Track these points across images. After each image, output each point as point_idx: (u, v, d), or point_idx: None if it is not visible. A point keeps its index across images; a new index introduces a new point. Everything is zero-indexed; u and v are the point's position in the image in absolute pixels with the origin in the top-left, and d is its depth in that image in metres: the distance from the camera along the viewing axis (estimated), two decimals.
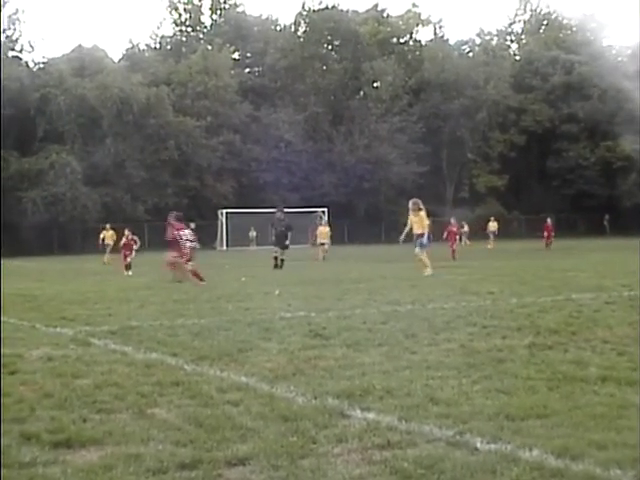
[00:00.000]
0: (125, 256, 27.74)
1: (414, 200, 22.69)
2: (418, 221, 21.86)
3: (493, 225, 50.79)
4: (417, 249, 21.76)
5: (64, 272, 29.94)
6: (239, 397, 6.41)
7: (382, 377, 7.06)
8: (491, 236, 49.49)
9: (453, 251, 32.35)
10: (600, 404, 5.85)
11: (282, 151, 68.03)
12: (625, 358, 7.78)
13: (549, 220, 44.73)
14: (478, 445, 4.91)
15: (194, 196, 65.12)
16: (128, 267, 27.07)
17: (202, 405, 6.19)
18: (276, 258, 27.24)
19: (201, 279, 19.35)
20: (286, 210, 30.87)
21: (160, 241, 26.72)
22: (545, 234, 43.47)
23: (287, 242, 27.81)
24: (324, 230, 35.49)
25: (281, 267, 26.80)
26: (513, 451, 4.77)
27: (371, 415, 5.72)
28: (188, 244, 20.14)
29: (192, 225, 22.62)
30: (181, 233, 20.38)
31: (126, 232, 28.66)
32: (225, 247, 59.15)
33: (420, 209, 22.14)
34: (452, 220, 36.23)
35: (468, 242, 50.43)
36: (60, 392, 6.73)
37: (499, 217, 61.04)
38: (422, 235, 21.69)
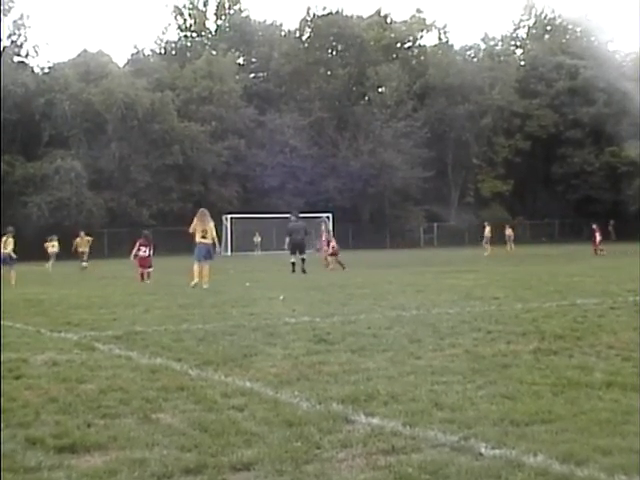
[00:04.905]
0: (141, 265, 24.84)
1: (203, 210, 22.16)
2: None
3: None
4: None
5: (69, 277, 29.97)
6: (244, 402, 6.42)
7: (387, 382, 7.06)
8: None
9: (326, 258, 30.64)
10: (605, 409, 5.85)
11: (287, 156, 68.06)
12: (630, 364, 7.76)
13: None
14: (483, 450, 4.91)
15: (199, 201, 65.01)
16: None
17: (207, 410, 6.20)
18: (293, 264, 28.02)
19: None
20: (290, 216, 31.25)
21: (166, 246, 26.56)
22: None
23: (304, 247, 29.15)
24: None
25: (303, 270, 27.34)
26: (518, 456, 4.76)
27: (375, 420, 5.72)
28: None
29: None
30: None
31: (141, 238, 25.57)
32: (229, 252, 59.17)
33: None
34: (322, 227, 34.02)
35: (513, 247, 49.80)
36: (65, 397, 6.74)
37: (505, 222, 61.06)
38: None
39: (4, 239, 26.22)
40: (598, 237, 42.20)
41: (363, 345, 9.28)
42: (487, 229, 47.06)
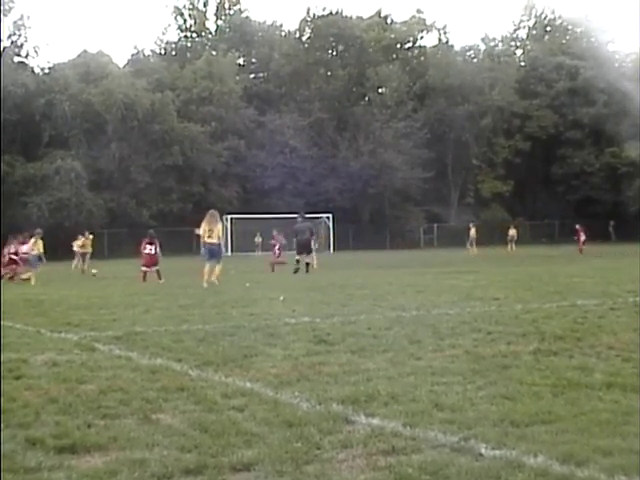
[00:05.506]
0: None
1: (212, 211, 23.17)
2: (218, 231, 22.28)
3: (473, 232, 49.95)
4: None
5: (69, 277, 29.95)
6: (244, 403, 6.42)
7: (387, 383, 7.06)
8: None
9: (272, 263, 30.58)
10: (605, 410, 5.85)
11: (287, 157, 68.04)
12: (630, 364, 7.77)
13: None
14: (483, 451, 4.91)
15: (199, 201, 65.12)
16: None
17: (207, 411, 6.20)
18: (298, 261, 28.37)
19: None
20: (291, 216, 31.57)
21: (166, 247, 26.59)
22: None
23: (311, 247, 29.27)
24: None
25: (307, 270, 27.77)
26: (518, 457, 4.76)
27: (376, 421, 5.71)
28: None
29: (197, 231, 23.18)
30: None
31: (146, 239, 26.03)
32: (230, 253, 59.13)
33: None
34: (274, 232, 33.99)
35: (514, 248, 49.78)
36: (65, 397, 6.74)
37: (504, 223, 61.13)
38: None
39: (32, 241, 27.01)
40: (582, 237, 42.33)
41: (363, 346, 9.28)
42: (472, 230, 47.10)
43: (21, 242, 28.02)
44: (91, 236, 37.12)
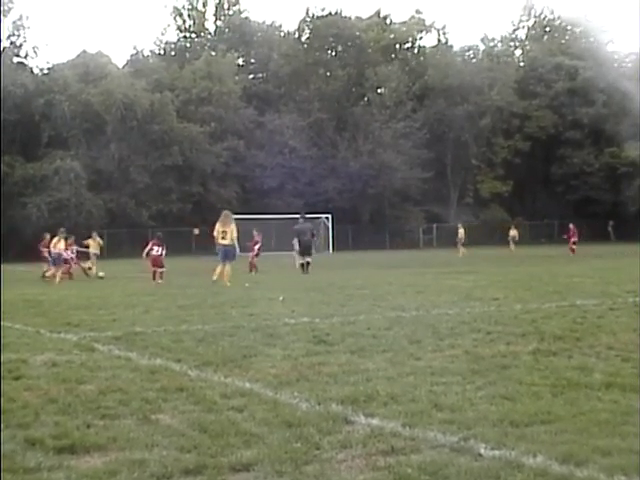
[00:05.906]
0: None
1: (226, 212, 23.09)
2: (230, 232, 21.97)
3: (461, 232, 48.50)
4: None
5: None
6: (243, 403, 6.42)
7: (386, 383, 7.06)
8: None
9: (251, 264, 30.45)
10: (604, 410, 5.85)
11: (286, 157, 67.98)
12: (629, 364, 7.77)
13: None
14: (482, 451, 4.91)
15: (198, 202, 65.17)
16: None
17: (206, 411, 6.20)
18: (303, 265, 28.35)
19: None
20: (290, 216, 31.64)
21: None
22: None
23: (313, 249, 29.64)
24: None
25: (307, 271, 27.78)
26: (517, 457, 4.77)
27: (375, 421, 5.72)
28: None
29: (196, 231, 23.23)
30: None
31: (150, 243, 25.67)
32: None
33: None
34: (255, 232, 33.59)
35: (514, 248, 49.55)
36: (64, 398, 6.74)
37: (503, 223, 61.09)
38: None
39: (54, 240, 27.52)
40: (574, 237, 42.12)
41: (363, 346, 9.28)
42: (461, 231, 46.97)
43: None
44: (98, 238, 36.70)
